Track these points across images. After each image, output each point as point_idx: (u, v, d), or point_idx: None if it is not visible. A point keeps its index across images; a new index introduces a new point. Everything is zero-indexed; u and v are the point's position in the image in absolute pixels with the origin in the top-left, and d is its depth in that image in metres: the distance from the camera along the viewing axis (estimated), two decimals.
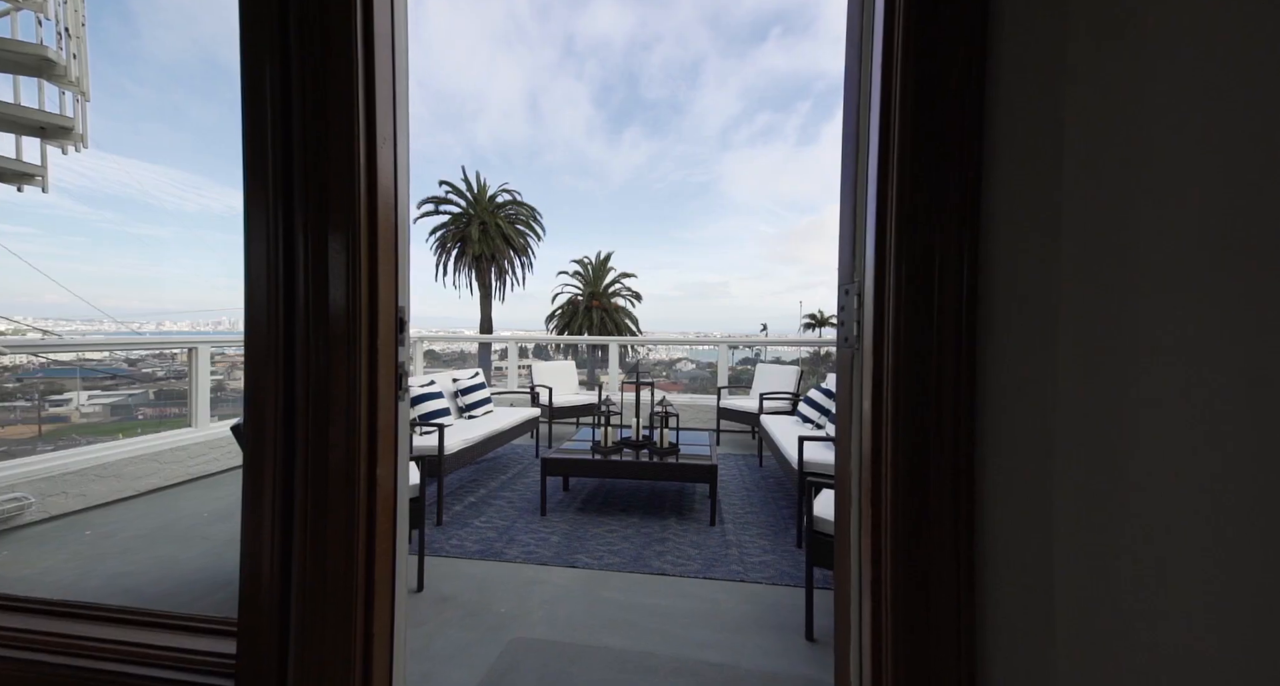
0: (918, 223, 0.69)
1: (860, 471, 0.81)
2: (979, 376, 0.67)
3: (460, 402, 4.42)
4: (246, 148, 0.86)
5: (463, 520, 3.35)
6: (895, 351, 0.70)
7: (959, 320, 0.67)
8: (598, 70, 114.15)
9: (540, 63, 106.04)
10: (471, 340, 9.10)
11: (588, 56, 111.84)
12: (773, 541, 3.10)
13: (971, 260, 0.67)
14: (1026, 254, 0.66)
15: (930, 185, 0.68)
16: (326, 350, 0.86)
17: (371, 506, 0.89)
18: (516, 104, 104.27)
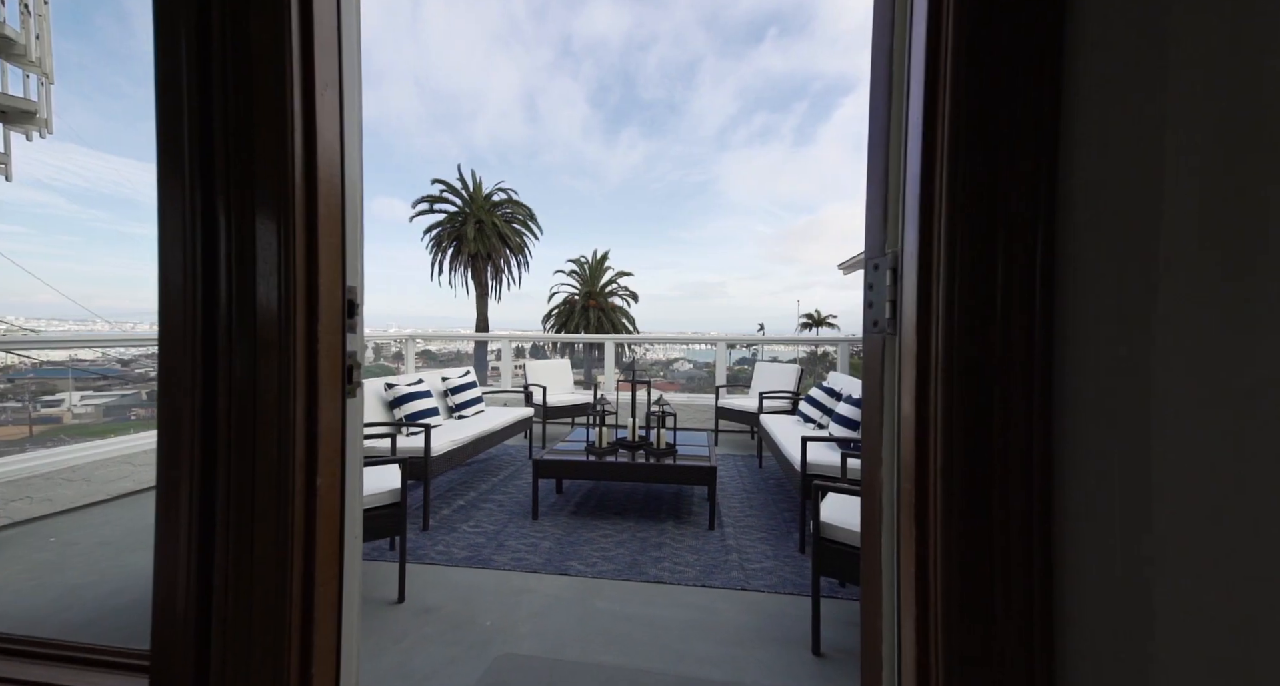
0: (979, 176, 0.55)
1: (897, 481, 0.66)
2: (1056, 373, 0.54)
3: (450, 402, 4.28)
4: (159, 103, 0.72)
5: (450, 525, 3.20)
6: (948, 339, 0.56)
7: (1031, 299, 0.54)
8: (594, 70, 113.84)
9: (537, 63, 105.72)
10: (464, 338, 8.95)
11: (584, 56, 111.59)
12: (775, 546, 2.96)
13: (1047, 220, 0.54)
14: (1119, 215, 0.52)
15: (997, 121, 0.54)
16: (252, 344, 0.71)
17: (311, 522, 0.74)
18: (514, 104, 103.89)
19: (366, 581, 2.45)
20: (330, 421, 0.78)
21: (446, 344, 29.31)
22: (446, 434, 3.51)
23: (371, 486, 2.27)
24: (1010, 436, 0.53)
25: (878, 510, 0.73)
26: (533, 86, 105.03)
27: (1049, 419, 0.53)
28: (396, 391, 3.52)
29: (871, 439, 0.75)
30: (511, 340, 7.29)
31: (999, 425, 0.54)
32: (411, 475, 3.10)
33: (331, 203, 0.77)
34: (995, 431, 0.54)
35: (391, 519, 2.28)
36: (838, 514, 2.02)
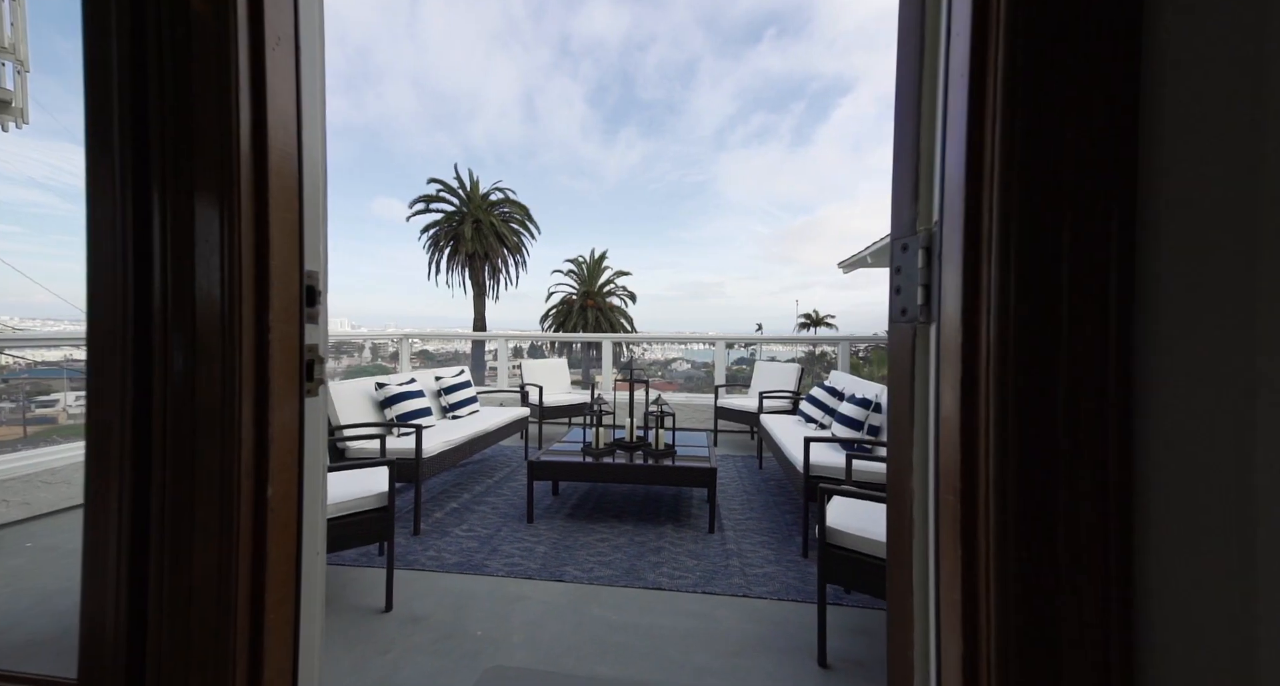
0: (1041, 133, 0.46)
1: (934, 491, 0.57)
2: (1137, 370, 0.45)
3: (444, 402, 4.18)
4: (86, 72, 0.63)
5: (442, 528, 3.11)
6: (1002, 328, 0.47)
7: (1104, 282, 0.45)
8: (593, 70, 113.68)
9: (536, 63, 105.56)
10: (460, 337, 8.83)
11: (583, 56, 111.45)
12: (776, 550, 2.88)
13: (1125, 187, 0.45)
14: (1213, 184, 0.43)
15: (1063, 66, 0.45)
16: (191, 338, 0.62)
17: (261, 537, 0.65)
18: (512, 104, 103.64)
19: (353, 589, 2.36)
20: (285, 423, 0.68)
21: (444, 344, 29.12)
22: (439, 435, 3.42)
23: (356, 490, 2.17)
24: (1081, 443, 0.45)
25: (907, 522, 0.64)
26: (531, 86, 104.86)
27: (1128, 424, 0.44)
28: (387, 391, 3.42)
29: (900, 441, 0.66)
30: (508, 339, 7.19)
31: (1067, 430, 0.45)
32: (402, 477, 3.01)
33: (286, 176, 0.68)
34: (1062, 437, 0.45)
35: (378, 524, 2.18)
36: (845, 518, 1.94)
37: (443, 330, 6.99)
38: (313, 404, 0.75)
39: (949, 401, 0.53)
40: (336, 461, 3.07)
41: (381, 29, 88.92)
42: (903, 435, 0.65)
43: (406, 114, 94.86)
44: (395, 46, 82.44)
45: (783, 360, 7.74)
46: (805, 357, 11.52)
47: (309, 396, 0.74)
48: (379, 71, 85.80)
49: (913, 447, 0.63)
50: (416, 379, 3.83)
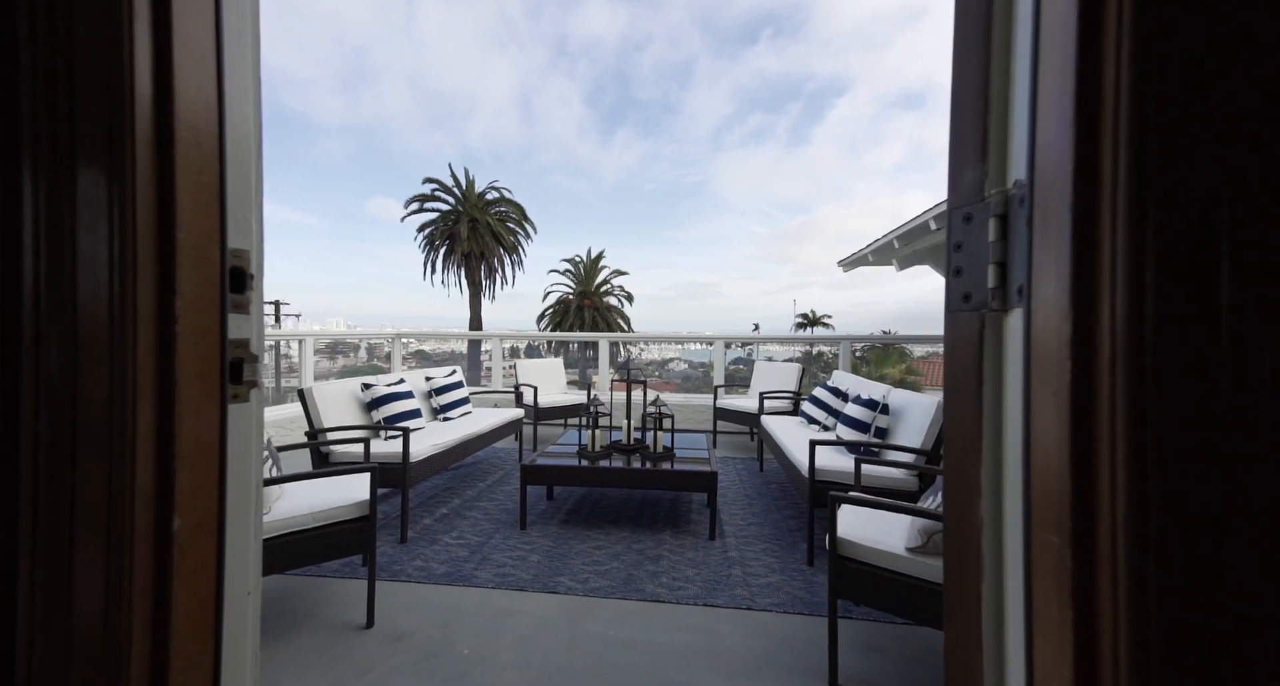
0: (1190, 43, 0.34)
1: (1026, 530, 0.45)
2: None
3: (435, 403, 4.04)
4: None
5: (431, 536, 2.97)
6: (1133, 318, 0.35)
7: None
8: (590, 70, 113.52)
9: (532, 63, 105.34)
10: (454, 337, 8.66)
11: (579, 56, 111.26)
12: (780, 558, 2.76)
13: None
14: None
15: None
16: (71, 332, 0.49)
17: (164, 579, 0.52)
18: (509, 104, 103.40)
19: (332, 604, 2.22)
20: (200, 437, 0.55)
21: (440, 344, 29.03)
22: (428, 437, 3.28)
23: (334, 499, 2.04)
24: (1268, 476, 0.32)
25: (973, 561, 0.51)
26: (528, 86, 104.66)
27: None
28: (374, 392, 3.28)
29: (961, 457, 0.53)
30: (503, 339, 7.05)
31: (1245, 457, 0.32)
32: (389, 482, 2.88)
33: (201, 129, 0.54)
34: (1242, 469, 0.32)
35: (358, 534, 2.05)
36: (857, 528, 1.82)
37: (437, 329, 6.83)
38: (240, 412, 0.61)
39: (1047, 412, 0.40)
40: (321, 466, 2.94)
41: (378, 28, 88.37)
42: (965, 449, 0.53)
43: (403, 113, 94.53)
44: (392, 46, 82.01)
45: (779, 360, 7.64)
46: (802, 357, 11.43)
47: (235, 402, 0.61)
48: (375, 71, 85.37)
49: (980, 465, 0.51)
50: (406, 379, 3.69)
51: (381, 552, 2.72)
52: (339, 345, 25.63)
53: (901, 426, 2.92)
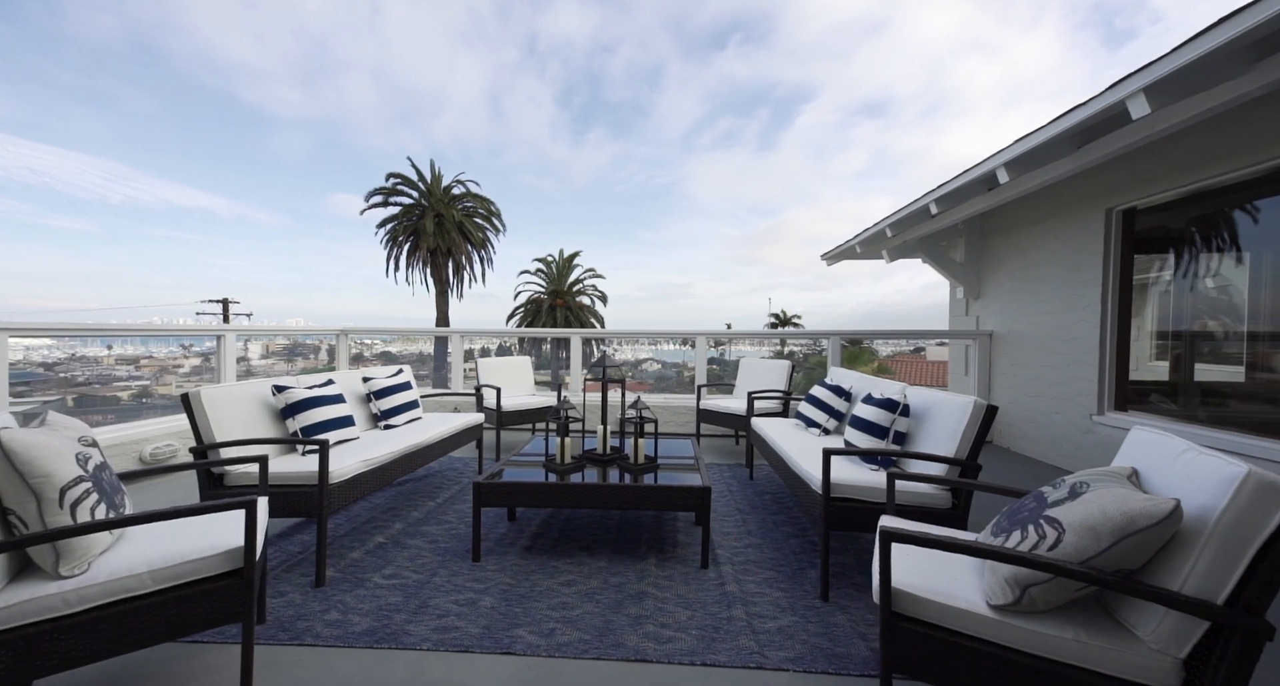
0: None
1: None
2: None
3: (375, 408, 3.43)
4: None
5: (358, 575, 2.38)
6: None
7: None
8: (560, 70, 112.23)
9: (502, 61, 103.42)
10: (410, 334, 7.87)
11: (550, 56, 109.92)
12: (788, 592, 2.29)
13: None
14: None
15: None
16: None
17: None
18: (478, 102, 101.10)
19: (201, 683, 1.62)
20: None
21: (408, 345, 27.69)
22: (358, 451, 2.68)
23: (190, 547, 1.45)
24: None
25: None
26: (497, 85, 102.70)
27: None
28: (291, 396, 2.66)
29: None
30: (465, 335, 6.41)
31: None
32: (302, 510, 2.28)
33: None
34: None
35: (226, 597, 1.46)
36: (920, 576, 1.35)
37: (390, 326, 6.08)
38: None
39: None
40: (214, 489, 2.31)
41: (340, 21, 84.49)
42: None
43: (367, 109, 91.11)
44: (355, 39, 78.32)
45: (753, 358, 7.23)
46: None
47: None
48: (337, 65, 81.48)
49: None
50: (335, 380, 3.07)
51: (285, 603, 2.12)
52: (299, 347, 24.14)
53: (925, 431, 2.49)
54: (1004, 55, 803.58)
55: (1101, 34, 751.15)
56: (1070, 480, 1.35)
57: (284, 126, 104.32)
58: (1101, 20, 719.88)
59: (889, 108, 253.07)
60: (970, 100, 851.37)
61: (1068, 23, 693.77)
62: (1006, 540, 1.31)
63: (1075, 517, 1.18)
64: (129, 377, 27.44)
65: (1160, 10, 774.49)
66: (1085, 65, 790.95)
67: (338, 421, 2.80)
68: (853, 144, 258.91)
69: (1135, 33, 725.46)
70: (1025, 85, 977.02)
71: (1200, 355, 3.65)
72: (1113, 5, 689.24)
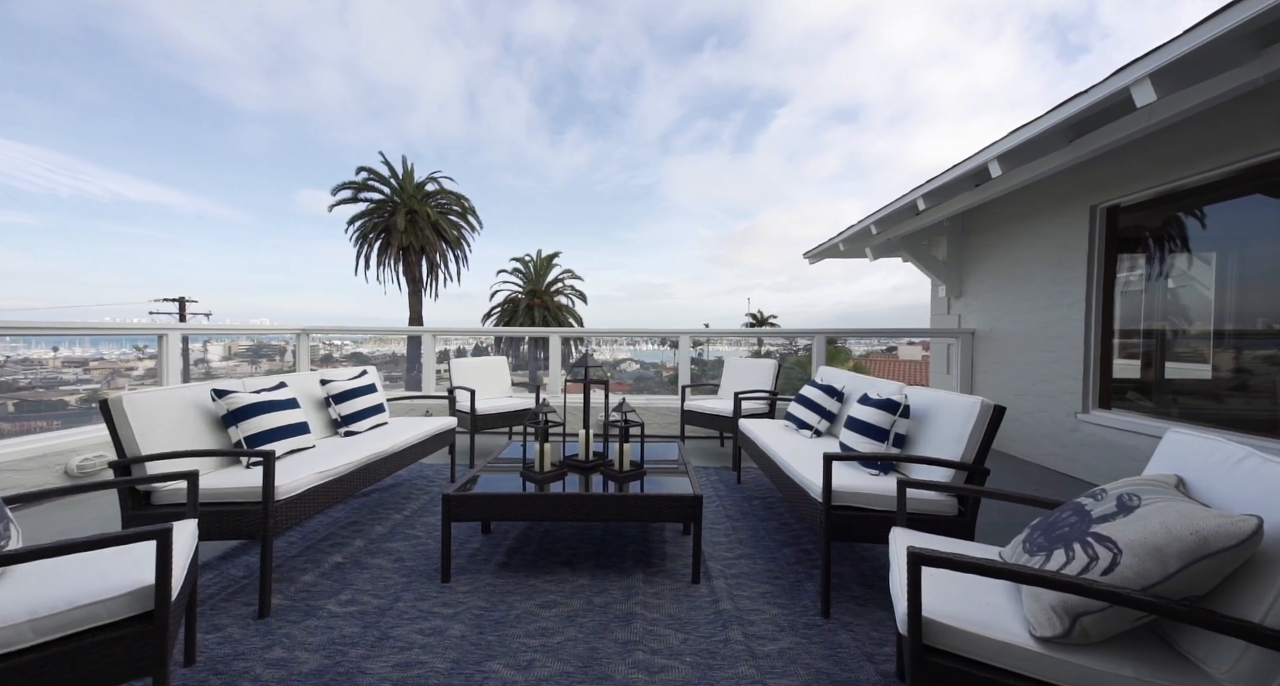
0: None
1: None
2: None
3: (335, 413, 3.14)
4: None
5: (310, 601, 2.12)
6: None
7: None
8: (537, 69, 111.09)
9: (477, 58, 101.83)
10: (376, 333, 7.48)
11: (526, 55, 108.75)
12: (786, 608, 2.12)
13: None
14: None
15: None
16: None
17: None
18: (453, 99, 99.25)
19: None
20: None
21: (380, 346, 26.83)
22: (313, 461, 2.41)
23: (89, 588, 1.19)
24: None
25: None
26: (473, 82, 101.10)
27: None
28: (234, 401, 2.38)
29: None
30: (438, 334, 6.10)
31: None
32: (243, 531, 2.01)
33: None
34: None
35: (132, 648, 1.20)
36: (948, 601, 1.19)
37: (356, 325, 5.70)
38: None
39: None
40: (140, 508, 2.02)
41: (307, 11, 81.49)
42: None
43: (336, 103, 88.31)
44: (323, 31, 75.48)
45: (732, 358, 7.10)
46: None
47: None
48: (305, 57, 78.37)
49: None
50: (288, 383, 2.79)
51: (221, 639, 1.85)
52: (263, 348, 23.08)
53: (927, 433, 2.36)
54: (967, 66, 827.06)
55: (1057, 48, 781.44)
56: (1114, 491, 1.21)
57: (247, 119, 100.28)
58: (1057, 34, 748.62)
59: (860, 113, 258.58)
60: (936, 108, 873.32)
61: (1026, 36, 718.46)
62: (1047, 561, 1.16)
63: (1133, 537, 1.03)
64: (77, 381, 25.92)
65: (1109, 27, 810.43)
66: (1042, 77, 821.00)
67: (289, 429, 2.52)
68: (826, 148, 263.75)
69: (1088, 47, 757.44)
70: (987, 95, 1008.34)
71: (1172, 353, 3.66)
72: (1067, 21, 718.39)
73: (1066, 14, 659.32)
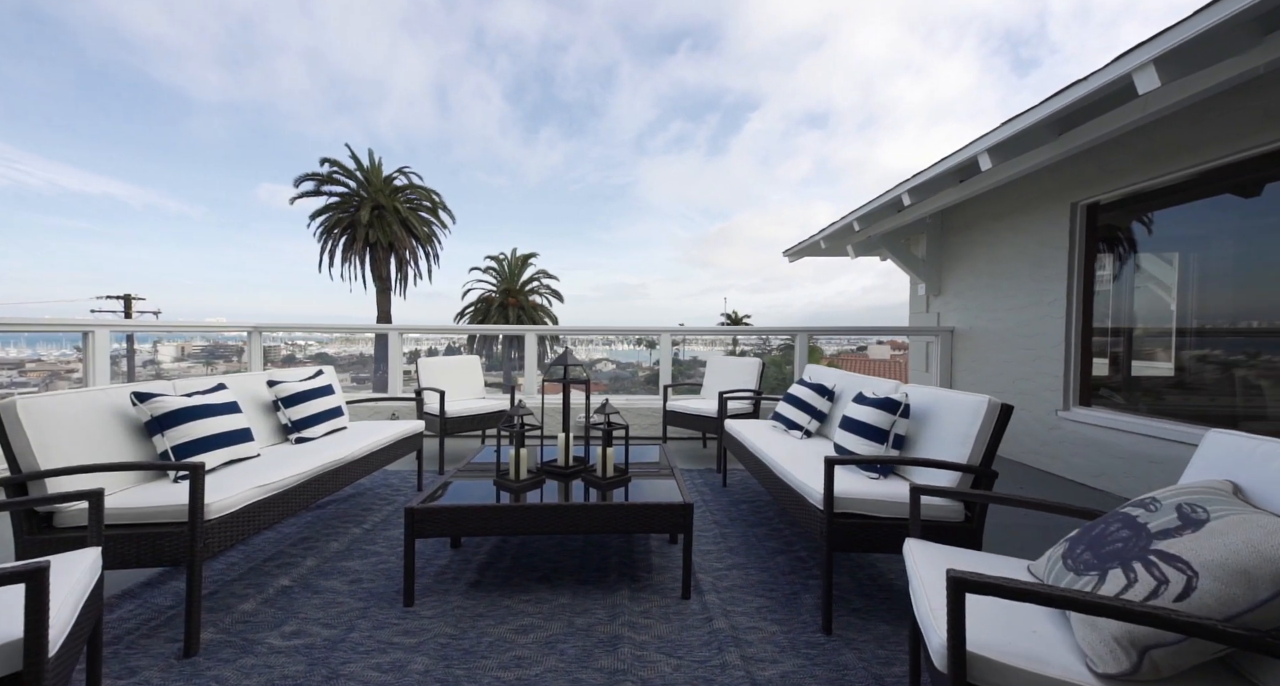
0: None
1: None
2: None
3: (285, 418, 2.84)
4: None
5: (249, 633, 1.85)
6: None
7: None
8: (510, 66, 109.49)
9: (448, 53, 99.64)
10: (329, 329, 6.97)
11: (499, 51, 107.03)
12: (785, 624, 1.96)
13: None
14: None
15: None
16: None
17: None
18: (423, 94, 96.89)
19: None
20: None
21: (347, 346, 25.85)
22: (255, 473, 2.13)
23: None
24: None
25: None
26: (444, 77, 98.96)
27: None
28: (159, 406, 2.07)
29: None
30: (404, 332, 5.77)
31: None
32: (166, 557, 1.73)
33: None
34: None
35: None
36: (988, 629, 1.04)
37: (313, 322, 5.23)
38: None
39: None
40: (39, 532, 1.72)
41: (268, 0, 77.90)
42: None
43: (300, 95, 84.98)
44: (285, 20, 72.33)
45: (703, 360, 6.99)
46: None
47: None
48: (266, 47, 74.83)
49: None
50: (228, 385, 2.48)
51: (148, 681, 1.57)
52: (219, 348, 21.86)
53: (928, 434, 2.24)
54: (929, 76, 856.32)
55: (1010, 61, 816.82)
56: (1168, 501, 1.08)
57: (204, 110, 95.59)
58: (1010, 49, 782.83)
59: (829, 119, 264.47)
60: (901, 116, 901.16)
61: (983, 50, 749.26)
62: (1101, 581, 1.02)
63: (1210, 557, 0.89)
64: (11, 384, 24.10)
65: (1057, 43, 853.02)
66: (998, 89, 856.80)
67: (228, 436, 2.23)
68: (797, 152, 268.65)
69: (1038, 62, 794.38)
70: (947, 105, 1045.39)
71: (1143, 351, 3.69)
72: (1020, 36, 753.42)
73: (1019, 30, 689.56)
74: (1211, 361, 3.30)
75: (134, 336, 17.89)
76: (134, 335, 17.71)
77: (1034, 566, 1.29)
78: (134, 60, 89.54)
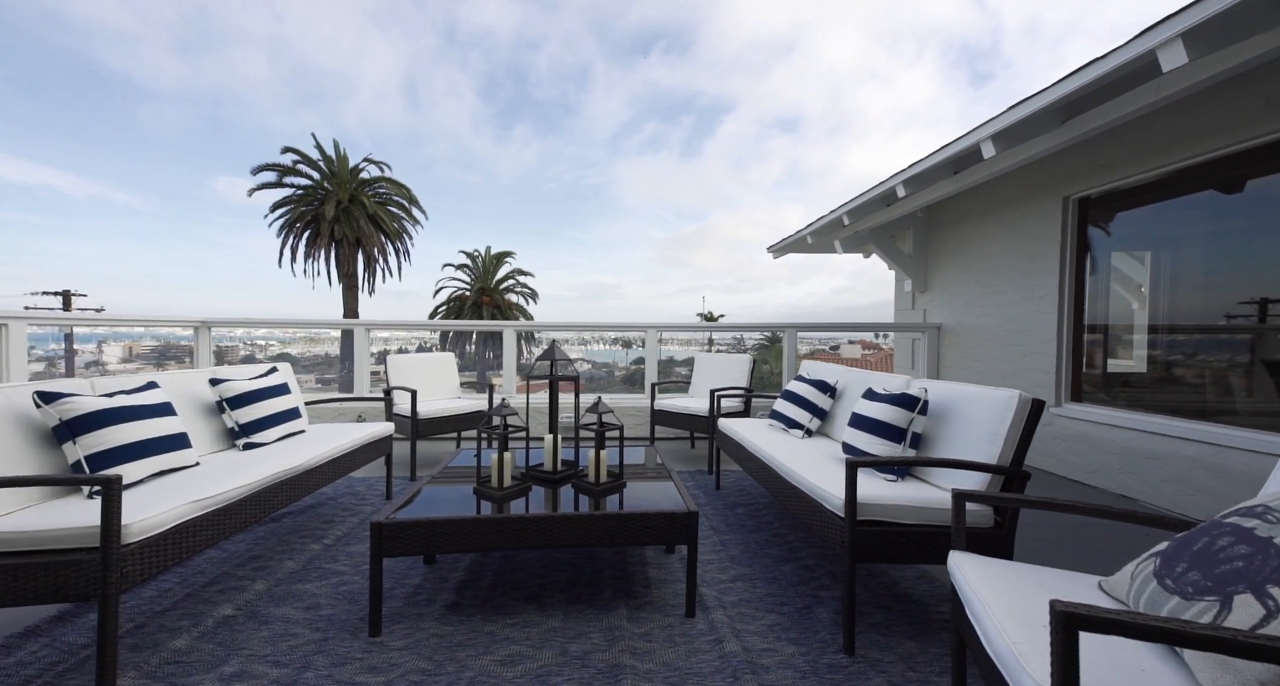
0: None
1: None
2: None
3: (231, 421, 2.51)
4: None
5: (181, 675, 1.55)
6: None
7: None
8: (483, 63, 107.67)
9: (418, 47, 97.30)
10: (285, 325, 6.36)
11: (471, 47, 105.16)
12: (800, 642, 1.77)
13: None
14: None
15: None
16: None
17: None
18: (392, 88, 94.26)
19: None
20: None
21: (311, 346, 24.67)
22: (190, 485, 1.82)
23: None
24: None
25: None
26: (414, 72, 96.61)
27: None
28: (71, 408, 1.74)
29: None
30: (372, 328, 5.40)
31: None
32: (72, 590, 1.42)
33: None
34: None
35: None
36: (1100, 670, 0.86)
37: (271, 318, 4.71)
38: None
39: None
40: None
41: None
42: None
43: (260, 85, 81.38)
44: (244, 7, 68.82)
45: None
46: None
47: None
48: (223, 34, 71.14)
49: None
50: (160, 383, 2.15)
51: None
52: (170, 348, 20.44)
53: (950, 432, 2.09)
54: (893, 85, 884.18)
55: (968, 74, 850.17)
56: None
57: (155, 98, 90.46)
58: (968, 62, 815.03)
59: (800, 124, 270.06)
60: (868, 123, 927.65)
61: (944, 61, 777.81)
62: (1225, 610, 0.85)
63: None
64: None
65: (1010, 58, 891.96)
66: (957, 100, 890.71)
67: (158, 443, 1.91)
68: (769, 156, 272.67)
69: (993, 75, 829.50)
70: (911, 114, 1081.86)
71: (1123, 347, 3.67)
72: (976, 50, 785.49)
73: (976, 44, 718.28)
74: (1195, 359, 3.28)
75: (73, 334, 16.60)
76: (73, 333, 16.43)
77: (1109, 584, 1.13)
78: (76, 44, 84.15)
